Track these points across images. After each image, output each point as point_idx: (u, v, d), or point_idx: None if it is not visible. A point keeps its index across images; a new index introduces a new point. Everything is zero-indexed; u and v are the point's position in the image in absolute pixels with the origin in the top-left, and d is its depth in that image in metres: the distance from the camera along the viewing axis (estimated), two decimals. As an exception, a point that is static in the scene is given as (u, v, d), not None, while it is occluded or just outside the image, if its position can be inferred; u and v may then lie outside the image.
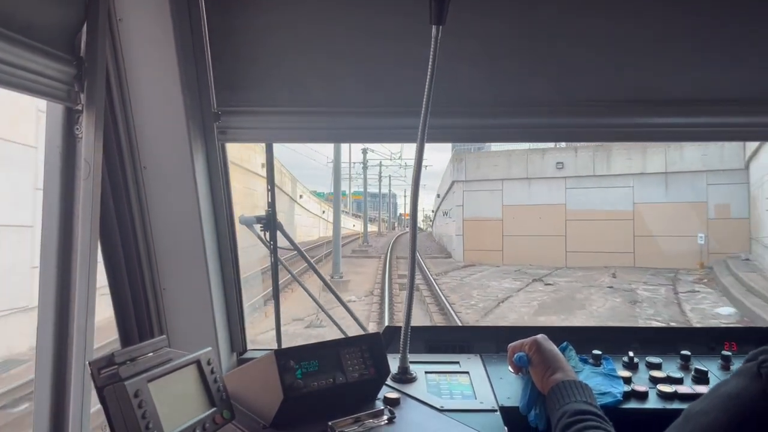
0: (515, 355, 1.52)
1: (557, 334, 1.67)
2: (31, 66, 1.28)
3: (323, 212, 42.37)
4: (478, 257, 24.59)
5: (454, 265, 23.54)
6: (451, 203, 28.38)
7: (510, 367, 1.62)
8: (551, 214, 23.92)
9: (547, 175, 24.39)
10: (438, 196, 40.05)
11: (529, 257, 23.20)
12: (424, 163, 1.61)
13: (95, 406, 1.21)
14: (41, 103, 1.39)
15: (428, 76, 1.48)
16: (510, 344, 1.58)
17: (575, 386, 1.35)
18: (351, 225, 58.86)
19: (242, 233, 1.99)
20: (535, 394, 1.48)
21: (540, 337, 1.53)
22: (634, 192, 22.78)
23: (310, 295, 2.22)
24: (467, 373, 1.77)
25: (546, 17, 1.73)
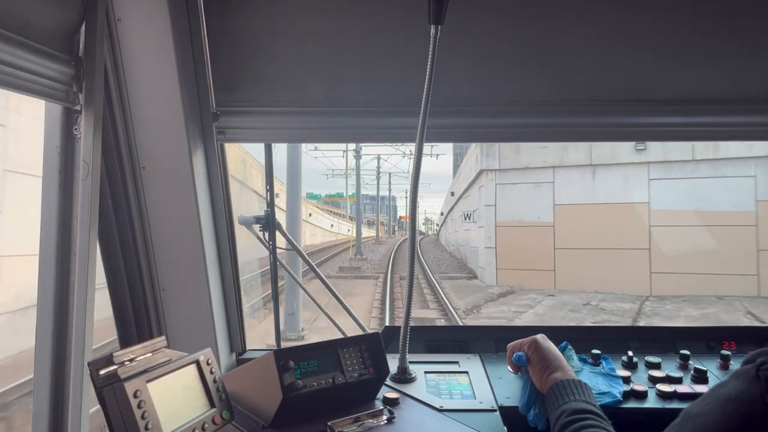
0: (514, 355, 1.52)
1: (557, 333, 1.67)
2: (30, 66, 1.28)
3: (309, 215, 34.85)
4: (519, 279, 16.85)
5: (485, 291, 15.90)
6: (477, 202, 20.41)
7: (509, 367, 1.62)
8: (627, 216, 15.81)
9: (621, 161, 16.10)
10: (452, 194, 32.23)
11: (593, 280, 15.53)
12: (436, 151, 1.61)
13: (96, 407, 1.21)
14: None
15: (427, 76, 1.48)
16: (509, 344, 1.58)
17: (574, 385, 1.34)
18: (346, 230, 54.13)
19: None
20: (534, 393, 1.48)
21: (539, 336, 1.53)
22: (757, 184, 14.56)
23: (309, 295, 2.22)
24: (466, 372, 1.77)
25: (545, 17, 1.73)
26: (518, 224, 17.54)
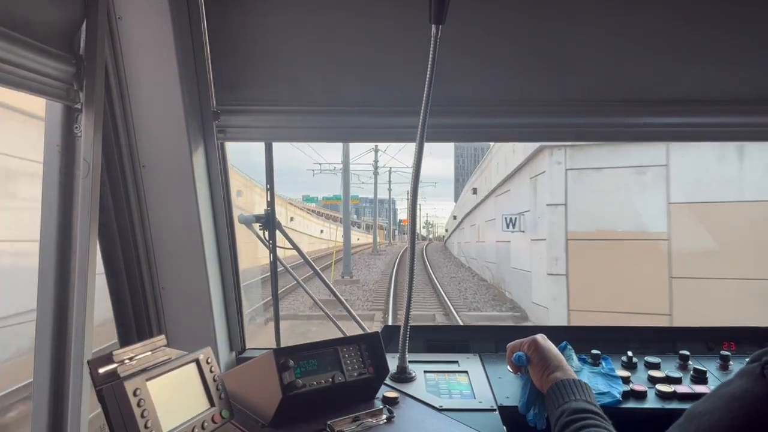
0: (514, 355, 1.52)
1: (556, 333, 1.67)
2: (31, 65, 1.28)
3: (291, 219, 29.19)
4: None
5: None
6: (528, 199, 12.93)
7: (509, 367, 1.62)
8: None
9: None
10: (474, 191, 24.36)
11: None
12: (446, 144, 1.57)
13: (98, 409, 1.21)
14: None
15: (428, 76, 1.48)
16: (509, 344, 1.58)
17: (574, 385, 1.34)
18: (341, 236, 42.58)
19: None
20: (534, 393, 1.48)
21: (539, 336, 1.53)
22: None
23: (309, 294, 2.22)
24: (466, 372, 1.77)
25: (546, 17, 1.73)
26: (605, 236, 10.32)
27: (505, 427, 1.45)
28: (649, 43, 1.74)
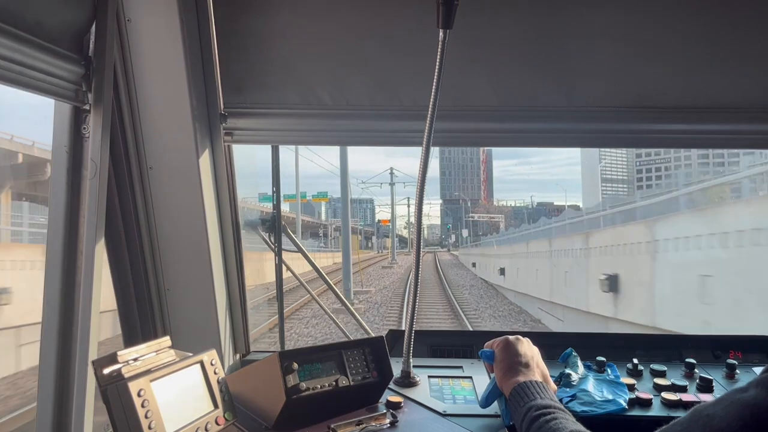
0: (480, 351, 1.50)
1: (562, 339, 1.66)
2: (40, 65, 1.29)
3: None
4: None
5: None
6: None
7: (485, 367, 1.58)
8: None
9: None
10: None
11: None
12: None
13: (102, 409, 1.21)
14: None
15: (435, 80, 1.48)
16: (487, 342, 1.56)
17: (536, 386, 1.33)
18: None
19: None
20: (498, 391, 1.44)
21: (512, 337, 1.50)
22: None
23: (314, 297, 2.22)
24: (470, 377, 1.76)
25: (553, 23, 1.73)
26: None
27: None
28: (656, 50, 1.74)
